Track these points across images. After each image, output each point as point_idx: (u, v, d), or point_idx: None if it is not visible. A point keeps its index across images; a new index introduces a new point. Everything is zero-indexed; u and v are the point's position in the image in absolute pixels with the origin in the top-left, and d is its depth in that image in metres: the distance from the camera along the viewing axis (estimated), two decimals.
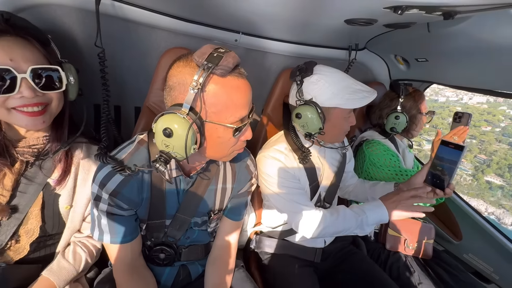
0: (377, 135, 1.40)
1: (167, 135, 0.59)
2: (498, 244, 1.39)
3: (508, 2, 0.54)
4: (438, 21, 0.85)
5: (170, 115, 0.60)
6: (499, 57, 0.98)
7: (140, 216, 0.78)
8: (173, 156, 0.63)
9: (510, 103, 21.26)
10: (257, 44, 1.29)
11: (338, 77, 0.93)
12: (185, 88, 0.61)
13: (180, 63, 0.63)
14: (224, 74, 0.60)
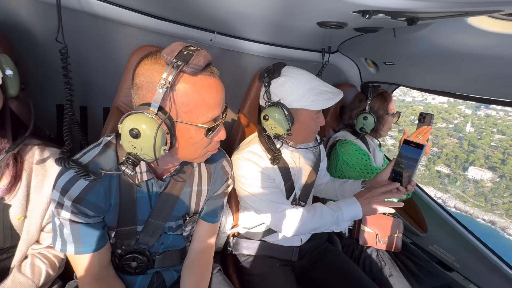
0: (349, 135, 1.45)
1: (134, 136, 0.56)
2: (459, 235, 1.50)
3: (463, 11, 0.58)
4: (403, 27, 0.90)
5: (137, 115, 0.57)
6: (456, 62, 1.06)
7: (108, 223, 0.73)
8: (141, 158, 0.60)
9: (467, 103, 23.64)
10: (232, 45, 1.28)
11: (305, 79, 0.95)
12: (153, 87, 0.58)
13: (148, 60, 0.60)
14: (194, 72, 0.59)
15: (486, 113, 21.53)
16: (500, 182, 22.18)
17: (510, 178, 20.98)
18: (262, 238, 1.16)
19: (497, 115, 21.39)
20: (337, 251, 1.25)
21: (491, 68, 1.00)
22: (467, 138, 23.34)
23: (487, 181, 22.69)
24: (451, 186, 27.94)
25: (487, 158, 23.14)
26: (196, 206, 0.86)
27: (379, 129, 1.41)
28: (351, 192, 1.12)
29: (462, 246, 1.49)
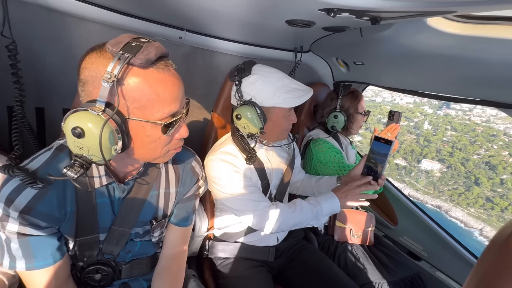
0: (322, 133, 1.48)
1: (77, 135, 0.51)
2: (426, 226, 1.59)
3: (420, 11, 0.61)
4: (369, 27, 0.93)
5: (81, 112, 0.52)
6: (419, 62, 1.12)
7: (65, 233, 0.67)
8: (90, 160, 0.55)
9: (431, 103, 26.15)
10: (203, 43, 1.25)
11: (276, 77, 0.95)
12: (99, 82, 0.53)
13: (93, 54, 0.55)
14: (145, 65, 0.54)
15: (446, 112, 24.03)
16: (446, 172, 24.83)
17: (455, 168, 23.73)
18: (238, 240, 1.14)
19: (455, 114, 23.92)
20: (313, 249, 1.26)
21: (450, 67, 1.06)
22: (424, 135, 25.86)
23: (436, 172, 25.29)
24: (407, 177, 30.57)
25: (438, 151, 25.74)
26: (164, 210, 0.82)
27: (350, 127, 1.45)
28: (327, 188, 1.16)
29: (429, 236, 1.58)
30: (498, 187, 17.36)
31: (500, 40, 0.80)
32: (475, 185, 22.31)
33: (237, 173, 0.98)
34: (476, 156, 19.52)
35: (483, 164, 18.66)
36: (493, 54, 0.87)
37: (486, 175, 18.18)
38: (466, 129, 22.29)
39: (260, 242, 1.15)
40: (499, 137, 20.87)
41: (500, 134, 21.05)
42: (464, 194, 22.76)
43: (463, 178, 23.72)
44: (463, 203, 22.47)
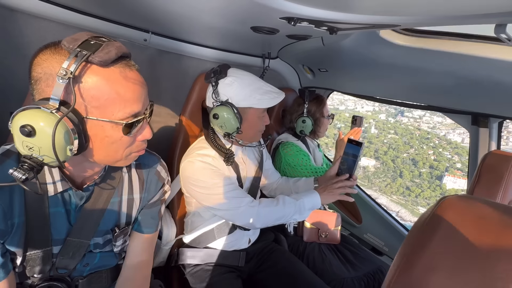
0: (291, 137, 1.53)
1: (27, 134, 0.47)
2: (387, 223, 1.70)
3: (370, 23, 0.67)
4: (329, 36, 0.98)
5: (31, 110, 0.48)
6: (375, 70, 1.21)
7: (11, 248, 0.61)
8: (40, 161, 0.50)
9: (389, 111, 29.36)
10: (170, 46, 1.23)
11: (250, 80, 0.99)
12: (53, 79, 0.51)
13: (47, 50, 0.52)
14: (104, 63, 0.52)
15: (400, 119, 27.38)
16: (379, 167, 28.43)
17: (386, 164, 27.16)
18: (209, 245, 1.12)
19: (408, 122, 27.22)
20: (283, 250, 1.28)
21: (401, 76, 1.17)
22: (368, 137, 28.87)
23: (371, 167, 28.85)
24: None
25: (376, 151, 29.12)
26: (127, 217, 0.78)
27: (317, 131, 1.52)
28: (305, 189, 1.22)
29: (389, 232, 1.70)
30: (416, 179, 20.61)
31: (441, 52, 0.90)
32: (399, 177, 25.64)
33: (216, 173, 1.00)
34: (405, 154, 22.88)
35: (409, 161, 22.06)
36: (435, 65, 0.98)
37: (409, 169, 21.44)
38: (405, 132, 25.88)
39: (230, 246, 1.14)
40: (431, 139, 24.59)
41: (434, 137, 24.68)
42: (390, 185, 26.01)
43: (391, 172, 26.88)
44: (388, 192, 25.63)
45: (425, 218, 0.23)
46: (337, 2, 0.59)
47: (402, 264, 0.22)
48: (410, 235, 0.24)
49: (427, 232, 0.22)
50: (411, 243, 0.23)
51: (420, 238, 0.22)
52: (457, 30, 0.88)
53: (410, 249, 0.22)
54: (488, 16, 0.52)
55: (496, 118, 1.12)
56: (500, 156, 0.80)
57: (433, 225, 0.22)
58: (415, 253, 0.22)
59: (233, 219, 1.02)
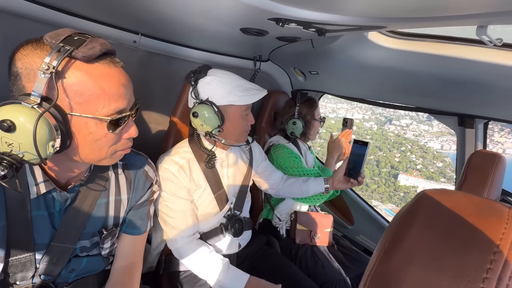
0: (282, 139, 1.53)
1: (6, 129, 0.46)
2: (379, 224, 1.71)
3: (358, 24, 0.68)
4: (319, 39, 0.99)
5: (11, 105, 0.47)
6: (364, 72, 1.23)
7: None
8: (20, 158, 0.48)
9: (378, 119, 30.63)
10: (161, 48, 1.22)
11: (231, 78, 0.99)
12: (34, 74, 0.50)
13: (29, 46, 0.51)
14: (88, 59, 0.52)
15: (387, 127, 28.66)
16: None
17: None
18: None
19: (395, 130, 28.49)
20: (275, 253, 1.27)
21: (389, 78, 1.19)
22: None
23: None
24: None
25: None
26: (115, 219, 0.76)
27: (308, 133, 1.52)
28: (316, 188, 1.27)
29: (381, 233, 1.70)
30: (376, 177, 22.06)
31: (427, 55, 0.92)
32: None
33: (177, 188, 0.97)
34: (372, 156, 24.57)
35: (374, 162, 23.82)
36: (422, 67, 1.00)
37: (371, 169, 22.95)
38: (381, 138, 27.51)
39: (221, 251, 1.13)
40: (404, 144, 26.23)
41: (408, 142, 26.52)
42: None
43: None
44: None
45: (403, 212, 0.23)
46: (324, 4, 0.60)
47: (380, 256, 0.22)
48: (389, 228, 0.24)
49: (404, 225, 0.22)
50: (389, 236, 0.23)
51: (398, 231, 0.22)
52: (442, 33, 0.90)
53: (388, 242, 0.22)
54: (469, 17, 0.54)
55: (481, 119, 1.15)
56: (485, 155, 0.81)
57: (411, 218, 0.22)
58: (392, 245, 0.21)
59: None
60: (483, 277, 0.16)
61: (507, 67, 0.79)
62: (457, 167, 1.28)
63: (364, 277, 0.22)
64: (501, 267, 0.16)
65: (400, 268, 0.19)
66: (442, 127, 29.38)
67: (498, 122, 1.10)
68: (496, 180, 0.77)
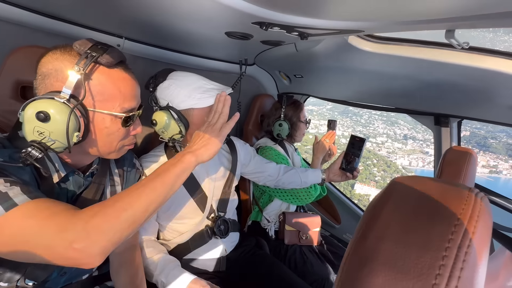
0: (269, 141, 1.55)
1: (42, 119, 0.54)
2: None
3: (337, 28, 0.71)
4: (302, 43, 1.03)
5: (46, 100, 0.56)
6: (346, 75, 1.28)
7: None
8: (48, 146, 0.56)
9: (355, 129, 32.51)
10: (145, 52, 1.22)
11: (190, 80, 0.96)
12: (63, 75, 0.59)
13: (57, 51, 0.60)
14: (109, 65, 0.62)
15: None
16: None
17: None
18: (184, 257, 1.09)
19: (370, 146, 30.81)
20: (265, 255, 1.28)
21: (369, 80, 1.24)
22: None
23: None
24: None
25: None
26: None
27: (294, 135, 1.55)
28: (314, 178, 1.33)
29: None
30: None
31: (404, 58, 0.98)
32: None
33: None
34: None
35: None
36: (399, 69, 1.05)
37: None
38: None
39: (208, 255, 1.12)
40: (371, 159, 29.29)
41: (374, 157, 29.64)
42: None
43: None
44: None
45: (378, 197, 0.25)
46: (306, 8, 0.63)
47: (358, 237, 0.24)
48: (366, 212, 0.26)
49: (378, 207, 0.24)
50: (365, 218, 0.25)
51: (373, 213, 0.24)
52: (417, 37, 0.95)
53: (365, 223, 0.24)
54: (438, 22, 0.58)
55: (455, 118, 1.22)
56: (459, 151, 0.87)
57: (384, 200, 0.24)
58: (368, 226, 0.23)
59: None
60: (446, 246, 0.18)
61: (474, 69, 0.85)
62: (435, 163, 1.35)
63: (344, 257, 0.24)
64: (460, 236, 0.19)
65: (375, 246, 0.21)
66: (415, 146, 31.93)
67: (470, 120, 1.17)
68: (469, 174, 0.82)
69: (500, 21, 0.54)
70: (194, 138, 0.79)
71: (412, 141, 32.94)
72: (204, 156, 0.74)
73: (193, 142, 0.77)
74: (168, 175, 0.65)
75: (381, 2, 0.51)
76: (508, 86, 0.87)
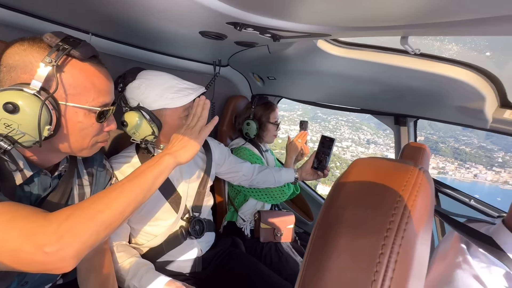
0: (242, 141, 1.58)
1: (10, 110, 0.52)
2: None
3: (306, 31, 0.76)
4: (274, 44, 1.07)
5: (13, 91, 0.53)
6: (317, 78, 1.35)
7: None
8: (15, 140, 0.54)
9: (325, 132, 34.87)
10: (115, 50, 1.18)
11: (162, 79, 0.95)
12: (32, 67, 0.56)
13: (25, 42, 0.58)
14: (83, 58, 0.60)
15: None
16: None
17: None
18: (158, 260, 1.07)
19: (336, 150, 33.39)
20: (241, 253, 1.29)
21: (337, 83, 1.32)
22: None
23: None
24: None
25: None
26: None
27: (262, 135, 1.57)
28: (287, 177, 1.38)
29: None
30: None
31: (367, 62, 1.06)
32: None
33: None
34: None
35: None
36: (363, 73, 1.14)
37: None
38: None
39: (183, 256, 1.11)
40: (334, 162, 31.03)
41: (338, 160, 31.85)
42: None
43: None
44: None
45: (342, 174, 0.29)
46: (278, 11, 0.67)
47: (324, 209, 0.27)
48: (331, 188, 0.29)
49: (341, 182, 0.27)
50: (331, 192, 0.28)
51: (336, 187, 0.27)
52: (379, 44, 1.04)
53: (330, 196, 0.27)
54: (393, 28, 0.65)
55: (412, 118, 1.35)
56: (414, 147, 0.97)
57: (346, 176, 0.28)
58: (333, 198, 0.27)
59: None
60: (395, 206, 0.22)
61: (426, 73, 0.95)
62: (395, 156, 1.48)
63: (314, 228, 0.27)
64: (406, 198, 0.23)
65: (339, 212, 0.24)
66: (377, 150, 34.87)
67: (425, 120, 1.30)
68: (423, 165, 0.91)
69: (447, 29, 0.62)
70: (173, 140, 0.79)
71: (374, 145, 35.74)
72: (183, 157, 0.74)
73: (171, 144, 0.77)
74: (146, 177, 0.64)
75: (345, 7, 0.56)
76: (454, 89, 0.99)
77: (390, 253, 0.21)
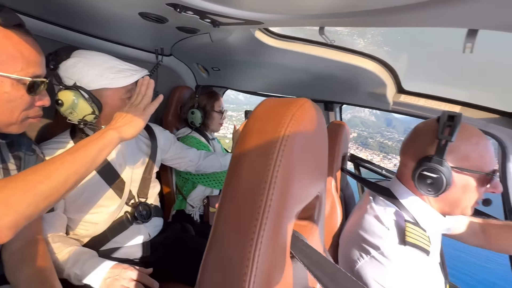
0: (188, 130, 1.60)
1: None
2: None
3: (242, 18, 0.85)
4: (215, 33, 1.14)
5: None
6: (257, 68, 1.47)
7: None
8: None
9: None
10: (42, 30, 1.09)
11: (101, 59, 0.93)
12: None
13: None
14: (7, 25, 0.57)
15: None
16: None
17: None
18: (102, 249, 1.03)
19: None
20: (190, 237, 1.32)
21: (274, 72, 1.46)
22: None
23: None
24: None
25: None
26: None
27: (207, 124, 1.63)
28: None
29: None
30: None
31: (298, 53, 1.21)
32: None
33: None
34: None
35: None
36: (295, 63, 1.30)
37: None
38: None
39: (130, 242, 1.09)
40: None
41: None
42: None
43: None
44: None
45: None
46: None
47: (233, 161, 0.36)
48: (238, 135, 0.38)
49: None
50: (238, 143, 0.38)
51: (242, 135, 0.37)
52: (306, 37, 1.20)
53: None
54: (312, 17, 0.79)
55: (337, 104, 1.58)
56: (336, 124, 1.16)
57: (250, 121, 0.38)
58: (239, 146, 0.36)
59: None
60: (284, 125, 0.33)
61: (343, 63, 1.15)
62: None
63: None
64: (289, 119, 0.33)
65: (239, 160, 0.34)
66: None
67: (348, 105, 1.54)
68: (343, 140, 1.11)
69: (356, 20, 0.77)
70: (116, 117, 0.78)
71: None
72: (128, 132, 0.74)
73: (114, 121, 0.76)
74: (89, 149, 0.64)
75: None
76: (364, 77, 1.22)
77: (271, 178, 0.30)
